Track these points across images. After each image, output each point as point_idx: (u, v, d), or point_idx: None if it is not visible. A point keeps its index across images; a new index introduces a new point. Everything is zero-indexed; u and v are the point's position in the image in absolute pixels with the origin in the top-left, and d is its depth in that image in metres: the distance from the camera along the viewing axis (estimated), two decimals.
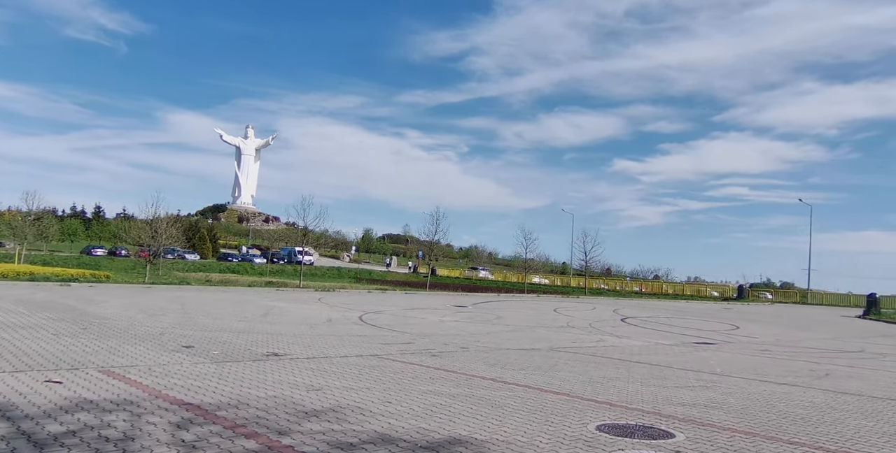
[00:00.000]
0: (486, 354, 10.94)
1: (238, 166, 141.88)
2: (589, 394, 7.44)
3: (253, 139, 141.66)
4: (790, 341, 17.62)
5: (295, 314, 16.51)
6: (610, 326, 18.97)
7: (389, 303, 24.17)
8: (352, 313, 17.79)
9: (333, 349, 10.48)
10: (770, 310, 40.21)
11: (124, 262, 57.78)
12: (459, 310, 21.81)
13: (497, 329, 16.02)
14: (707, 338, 16.86)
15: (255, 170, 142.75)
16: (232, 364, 8.34)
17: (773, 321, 27.23)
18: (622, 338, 15.57)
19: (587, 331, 16.99)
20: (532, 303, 30.26)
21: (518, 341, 13.44)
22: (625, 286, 69.27)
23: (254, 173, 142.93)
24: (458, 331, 14.71)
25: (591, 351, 12.47)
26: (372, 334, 13.05)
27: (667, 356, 12.24)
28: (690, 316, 27.52)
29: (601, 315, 24.15)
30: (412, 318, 17.43)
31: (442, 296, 33.45)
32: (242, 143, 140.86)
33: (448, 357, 10.32)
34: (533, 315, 21.87)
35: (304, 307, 19.21)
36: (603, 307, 30.59)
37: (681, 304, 41.50)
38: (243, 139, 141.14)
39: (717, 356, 12.73)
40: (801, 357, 13.41)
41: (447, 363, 9.55)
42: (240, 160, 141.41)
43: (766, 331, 21.13)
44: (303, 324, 14.01)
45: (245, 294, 25.01)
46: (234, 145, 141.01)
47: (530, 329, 16.54)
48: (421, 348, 11.27)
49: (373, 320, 16.11)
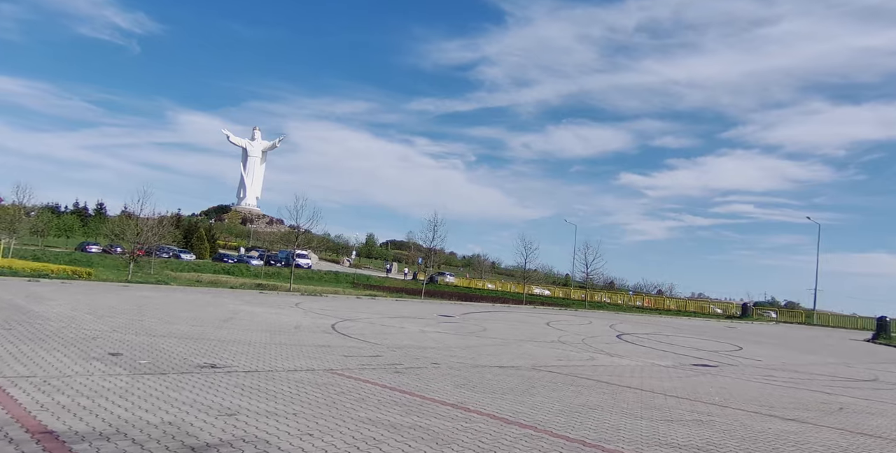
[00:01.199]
0: (457, 372, 9.76)
1: (244, 168, 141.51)
2: (561, 428, 6.26)
3: (260, 141, 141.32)
4: (796, 365, 16.35)
5: (262, 319, 15.36)
6: (604, 343, 17.74)
7: (374, 310, 22.99)
8: (326, 320, 16.63)
9: (284, 361, 9.33)
10: (775, 330, 38.80)
11: (117, 260, 56.87)
12: (445, 321, 20.61)
13: (480, 342, 14.84)
14: (707, 360, 15.62)
15: (260, 172, 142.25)
16: (152, 377, 7.21)
17: (777, 342, 25.91)
18: (614, 357, 14.36)
19: (578, 347, 15.78)
20: (526, 315, 29.01)
21: (499, 357, 12.26)
22: (627, 300, 67.81)
23: (259, 175, 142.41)
24: (435, 344, 13.54)
25: (578, 371, 11.28)
26: (338, 345, 11.89)
27: (660, 380, 11.02)
28: (691, 334, 26.22)
29: (596, 330, 22.89)
30: (390, 328, 16.26)
31: (433, 304, 32.23)
32: (249, 145, 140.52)
33: (413, 374, 9.15)
34: (523, 328, 20.65)
35: (277, 312, 18.06)
36: (600, 321, 29.30)
37: (682, 321, 40.13)
38: (250, 141, 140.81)
39: (717, 382, 11.51)
40: (810, 385, 12.16)
41: (408, 382, 8.38)
42: (246, 162, 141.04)
43: (770, 353, 19.85)
44: (265, 331, 12.86)
45: (221, 296, 23.87)
46: (240, 147, 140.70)
47: (516, 343, 15.35)
48: (386, 362, 10.11)
49: (346, 329, 14.95)
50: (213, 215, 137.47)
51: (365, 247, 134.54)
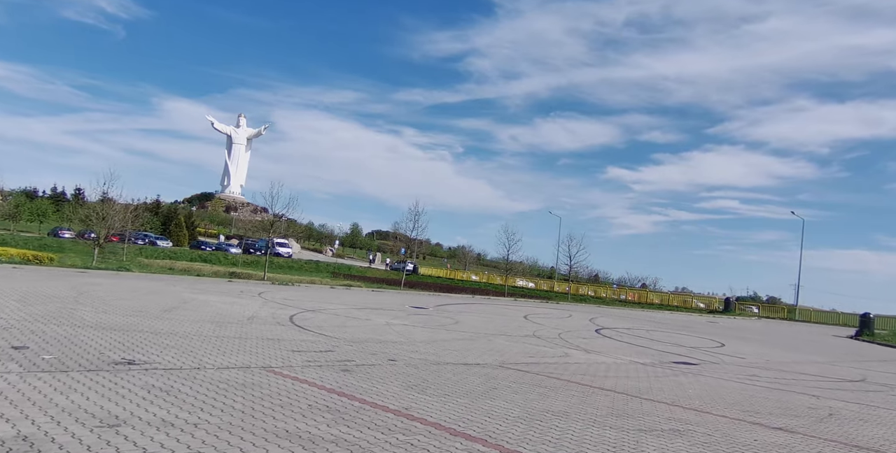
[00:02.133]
0: (413, 370, 8.84)
1: (228, 155, 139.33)
2: (514, 442, 5.36)
3: (245, 128, 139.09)
4: (781, 364, 15.64)
5: (213, 309, 14.33)
6: (581, 338, 16.92)
7: (343, 300, 22.01)
8: (287, 311, 15.63)
9: (218, 357, 8.35)
10: (757, 325, 38.36)
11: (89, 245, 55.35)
12: (417, 313, 19.68)
13: (448, 336, 13.93)
14: (688, 357, 14.84)
15: (245, 159, 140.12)
16: (47, 375, 6.20)
17: (760, 338, 25.30)
18: (590, 353, 13.52)
19: (553, 342, 14.93)
20: (504, 308, 28.17)
21: (464, 353, 11.36)
22: (610, 293, 67.37)
23: (244, 163, 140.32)
24: (399, 338, 12.61)
25: (549, 369, 10.40)
26: (289, 338, 10.92)
27: (637, 380, 10.18)
28: (673, 329, 25.54)
29: (575, 324, 22.09)
30: (354, 320, 15.30)
31: (410, 295, 31.31)
32: (234, 132, 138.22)
33: (363, 373, 8.21)
34: (499, 321, 19.79)
35: (235, 301, 17.01)
36: (580, 315, 28.54)
37: (665, 315, 39.58)
38: (235, 128, 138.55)
39: (698, 382, 10.69)
40: (795, 386, 11.38)
41: (353, 383, 7.44)
42: (230, 149, 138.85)
43: (753, 350, 19.16)
44: (211, 322, 11.85)
45: (180, 283, 22.73)
46: (225, 134, 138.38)
47: (487, 337, 14.46)
48: (337, 359, 9.16)
49: (305, 320, 13.97)
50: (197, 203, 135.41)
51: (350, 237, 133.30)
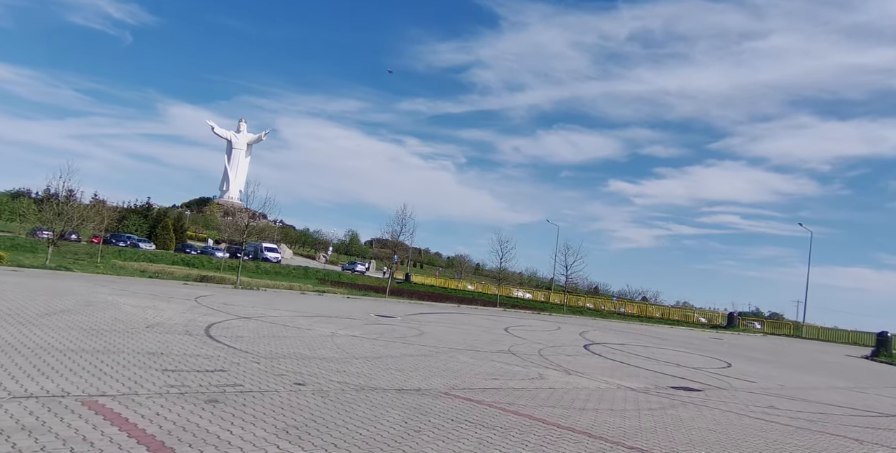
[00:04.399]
0: (313, 402, 6.49)
1: (228, 160, 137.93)
2: None
3: (245, 134, 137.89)
4: (799, 389, 13.22)
5: (112, 314, 11.93)
6: (565, 355, 14.52)
7: (297, 307, 19.61)
8: (211, 318, 13.25)
9: (26, 380, 6.01)
10: (764, 343, 35.84)
11: (66, 246, 53.17)
12: (378, 322, 17.26)
13: (400, 351, 11.55)
14: (690, 380, 12.46)
15: (245, 165, 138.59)
16: None
17: (769, 358, 22.84)
18: (571, 375, 11.14)
19: (528, 360, 12.54)
20: (487, 319, 25.72)
21: (408, 374, 8.99)
22: (609, 306, 64.83)
23: (244, 168, 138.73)
24: (334, 353, 10.25)
25: (510, 398, 8.03)
26: (178, 353, 8.57)
27: (623, 414, 7.80)
28: (673, 345, 23.10)
29: (562, 338, 19.66)
30: (294, 330, 12.92)
31: (387, 303, 28.88)
32: (234, 137, 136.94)
33: (234, 405, 5.87)
34: (474, 334, 17.37)
35: (155, 305, 14.56)
36: (571, 327, 26.07)
37: (665, 330, 37.08)
38: (235, 133, 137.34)
39: (703, 416, 8.31)
40: (826, 424, 8.99)
41: (199, 422, 5.11)
42: (230, 154, 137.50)
43: (764, 371, 16.73)
44: (85, 331, 9.48)
45: (115, 285, 20.33)
46: (225, 138, 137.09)
47: (450, 353, 12.08)
48: (217, 383, 6.82)
49: (225, 330, 11.61)
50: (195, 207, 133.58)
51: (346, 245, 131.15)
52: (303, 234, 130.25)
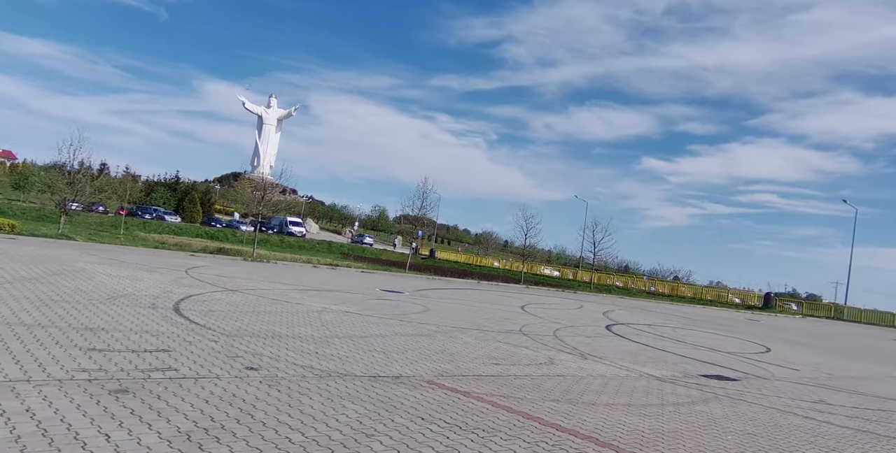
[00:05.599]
0: (254, 393, 5.29)
1: (259, 135, 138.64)
2: None
3: (275, 109, 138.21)
4: (849, 379, 11.65)
5: (78, 283, 10.92)
6: (583, 336, 13.15)
7: (297, 280, 18.54)
8: (191, 290, 12.19)
9: None
10: (803, 325, 33.81)
11: (88, 217, 53.48)
12: (381, 298, 16.06)
13: (396, 330, 10.34)
14: (724, 367, 11.00)
15: (275, 140, 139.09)
16: None
17: (811, 341, 21.08)
18: (586, 359, 9.79)
19: (540, 342, 11.22)
20: (504, 296, 24.38)
21: (390, 358, 7.76)
22: (639, 284, 62.85)
23: (274, 143, 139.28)
24: (315, 331, 9.08)
25: (507, 389, 6.74)
26: (126, 328, 7.48)
27: (643, 412, 6.45)
28: (705, 327, 21.49)
29: (583, 317, 18.24)
30: (281, 304, 11.80)
31: (402, 278, 27.76)
32: (265, 113, 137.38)
33: (136, 399, 4.70)
34: (484, 311, 16.08)
35: (135, 275, 13.53)
36: (593, 306, 24.59)
37: (696, 310, 35.30)
38: (266, 108, 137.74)
39: (740, 415, 6.90)
40: (891, 425, 7.49)
41: (69, 425, 3.93)
42: (261, 129, 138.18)
43: (807, 357, 15.11)
44: (37, 301, 8.45)
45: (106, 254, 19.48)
46: (256, 114, 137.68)
47: (451, 333, 10.83)
48: (148, 367, 5.68)
49: (204, 303, 10.53)
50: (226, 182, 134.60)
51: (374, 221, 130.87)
52: (330, 209, 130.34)
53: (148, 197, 76.72)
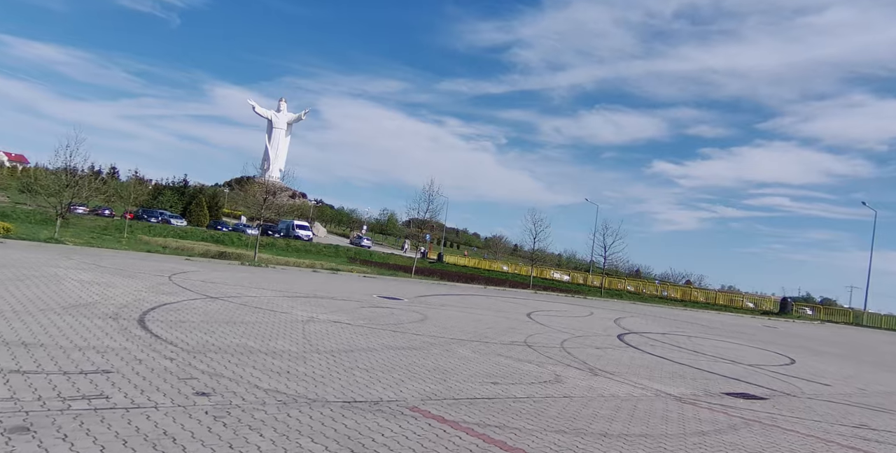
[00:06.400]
0: (190, 428, 4.38)
1: (268, 139, 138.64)
2: None
3: (285, 113, 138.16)
4: (884, 395, 10.58)
5: (36, 291, 10.05)
6: (593, 347, 12.15)
7: (289, 286, 17.66)
8: (169, 298, 11.34)
9: None
10: (823, 332, 32.53)
11: (95, 221, 53.17)
12: (378, 305, 15.13)
13: (383, 343, 9.40)
14: (749, 382, 9.99)
15: (285, 144, 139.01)
16: None
17: (836, 350, 19.93)
18: (597, 376, 8.81)
19: (547, 355, 10.25)
20: (510, 302, 23.39)
21: (373, 377, 6.83)
22: (650, 289, 61.53)
23: (284, 147, 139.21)
24: (293, 345, 8.17)
25: (503, 416, 5.79)
26: (70, 344, 6.61)
27: (661, 446, 5.47)
28: (723, 335, 20.39)
29: (593, 326, 17.22)
30: (263, 313, 10.90)
31: (404, 283, 26.81)
32: (274, 116, 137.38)
33: (35, 440, 3.81)
34: (488, 320, 15.11)
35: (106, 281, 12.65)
36: (604, 313, 23.53)
37: (711, 316, 34.10)
38: (275, 112, 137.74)
39: (776, 447, 5.91)
40: None
41: None
42: (270, 133, 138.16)
43: (835, 369, 14.02)
44: None
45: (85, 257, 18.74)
46: (265, 118, 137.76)
47: (446, 346, 9.88)
48: (73, 395, 4.79)
49: (176, 313, 9.66)
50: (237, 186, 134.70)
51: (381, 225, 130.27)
52: (338, 213, 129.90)
53: (155, 200, 76.44)
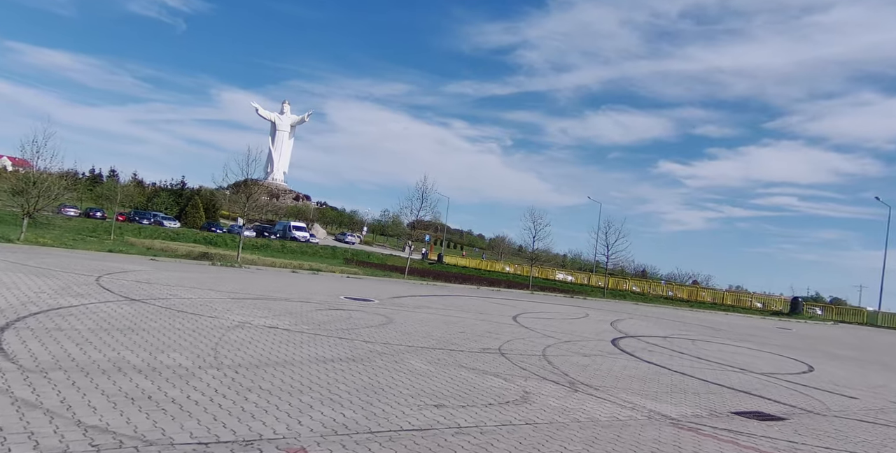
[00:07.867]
0: None
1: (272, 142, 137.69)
2: None
3: (289, 115, 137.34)
4: None
5: None
6: (580, 355, 10.49)
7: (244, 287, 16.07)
8: (76, 300, 9.76)
9: None
10: (838, 333, 30.67)
11: (84, 223, 51.98)
12: (338, 307, 13.44)
13: (317, 353, 7.79)
14: (761, 396, 8.33)
15: (288, 147, 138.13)
16: None
17: (855, 354, 18.16)
18: (577, 392, 7.17)
19: (521, 365, 8.61)
20: (498, 304, 21.67)
21: (268, 403, 5.23)
22: (656, 290, 59.64)
23: (287, 150, 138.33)
24: (191, 359, 6.59)
25: None
26: None
27: None
28: (731, 338, 18.67)
29: (586, 329, 15.51)
30: (182, 318, 9.30)
31: (389, 284, 25.17)
32: (278, 119, 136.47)
33: None
34: (465, 323, 13.44)
35: (10, 281, 11.26)
36: (601, 314, 21.79)
37: (718, 318, 32.30)
38: (279, 115, 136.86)
39: None
40: None
41: None
42: (274, 136, 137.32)
43: (859, 377, 12.30)
44: None
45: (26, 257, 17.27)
46: (269, 120, 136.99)
47: (398, 355, 8.25)
48: None
49: (65, 319, 8.10)
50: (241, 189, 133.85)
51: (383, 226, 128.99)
52: (340, 214, 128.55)
53: (149, 202, 75.28)
